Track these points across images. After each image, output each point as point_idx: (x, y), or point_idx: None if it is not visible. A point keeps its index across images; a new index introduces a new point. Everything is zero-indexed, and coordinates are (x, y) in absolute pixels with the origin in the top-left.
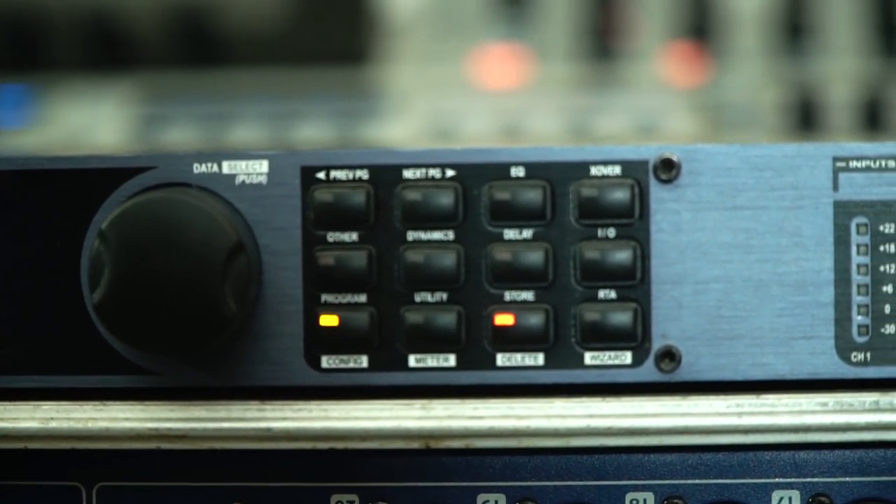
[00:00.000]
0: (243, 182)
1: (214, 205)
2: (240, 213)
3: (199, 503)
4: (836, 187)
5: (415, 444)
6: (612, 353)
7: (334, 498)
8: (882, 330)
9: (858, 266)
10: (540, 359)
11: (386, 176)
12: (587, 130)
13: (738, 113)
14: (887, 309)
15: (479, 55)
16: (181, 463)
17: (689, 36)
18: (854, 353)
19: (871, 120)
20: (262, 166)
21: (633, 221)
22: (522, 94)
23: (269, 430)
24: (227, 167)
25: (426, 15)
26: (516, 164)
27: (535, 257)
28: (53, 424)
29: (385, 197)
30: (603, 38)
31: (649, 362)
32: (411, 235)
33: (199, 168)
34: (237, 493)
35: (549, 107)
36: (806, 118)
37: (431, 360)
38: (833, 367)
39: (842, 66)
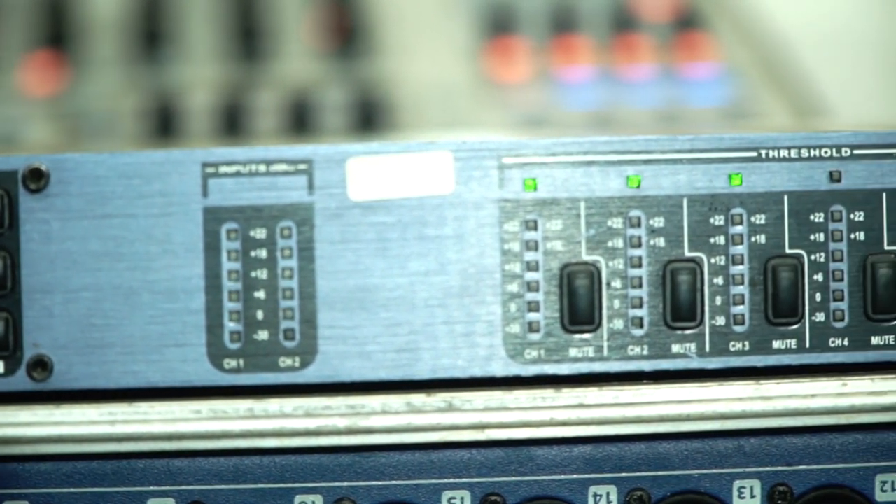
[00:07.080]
0: None
1: None
2: None
3: None
4: (205, 193)
5: None
6: None
7: None
8: (254, 336)
9: (230, 272)
10: None
11: None
12: None
13: (98, 121)
14: (259, 315)
15: None
16: None
17: (46, 44)
18: (227, 360)
19: (233, 125)
20: None
21: (3, 231)
22: None
23: None
24: None
25: None
26: None
27: None
28: None
29: None
30: None
31: (21, 371)
32: None
33: None
34: None
35: None
36: (166, 125)
37: None
38: (206, 374)
39: (201, 72)
